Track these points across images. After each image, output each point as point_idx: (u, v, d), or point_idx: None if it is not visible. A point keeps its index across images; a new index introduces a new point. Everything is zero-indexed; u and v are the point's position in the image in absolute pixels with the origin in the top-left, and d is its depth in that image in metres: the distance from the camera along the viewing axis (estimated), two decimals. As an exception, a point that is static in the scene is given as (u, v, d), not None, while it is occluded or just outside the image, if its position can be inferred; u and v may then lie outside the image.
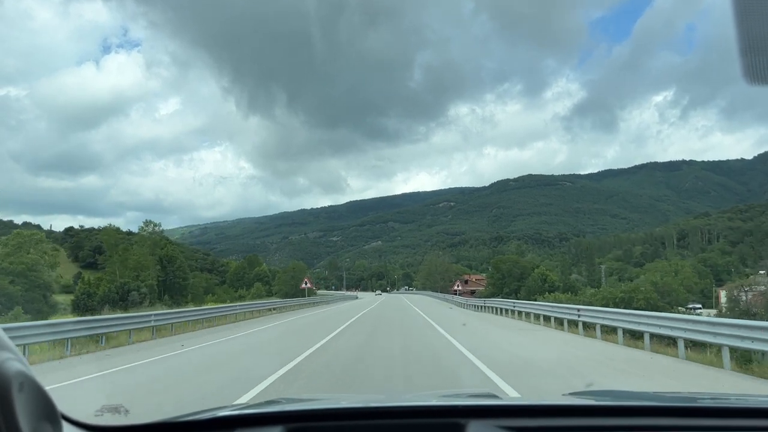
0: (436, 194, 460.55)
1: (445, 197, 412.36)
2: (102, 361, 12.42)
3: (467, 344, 13.96)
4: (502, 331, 19.92)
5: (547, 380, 9.04)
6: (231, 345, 16.10)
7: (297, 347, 13.43)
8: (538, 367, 10.44)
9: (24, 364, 0.85)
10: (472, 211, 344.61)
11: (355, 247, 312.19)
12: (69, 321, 16.20)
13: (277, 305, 35.15)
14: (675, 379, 9.18)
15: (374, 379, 9.31)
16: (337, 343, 15.04)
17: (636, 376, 9.51)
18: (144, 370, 11.00)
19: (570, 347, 14.29)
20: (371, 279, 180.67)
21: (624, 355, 12.44)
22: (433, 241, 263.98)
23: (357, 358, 12.09)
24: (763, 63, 1.13)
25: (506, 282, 68.23)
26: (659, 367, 10.47)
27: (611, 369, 10.34)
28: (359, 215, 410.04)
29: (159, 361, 12.26)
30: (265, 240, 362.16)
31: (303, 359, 11.38)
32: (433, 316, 28.46)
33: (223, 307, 27.83)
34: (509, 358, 11.70)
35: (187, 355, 13.51)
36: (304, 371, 9.82)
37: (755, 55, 1.12)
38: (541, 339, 16.94)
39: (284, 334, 20.25)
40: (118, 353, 13.85)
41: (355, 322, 23.57)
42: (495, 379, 8.66)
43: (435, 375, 9.69)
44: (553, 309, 21.45)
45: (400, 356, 12.29)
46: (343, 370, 10.29)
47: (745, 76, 1.15)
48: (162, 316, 20.04)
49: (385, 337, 17.52)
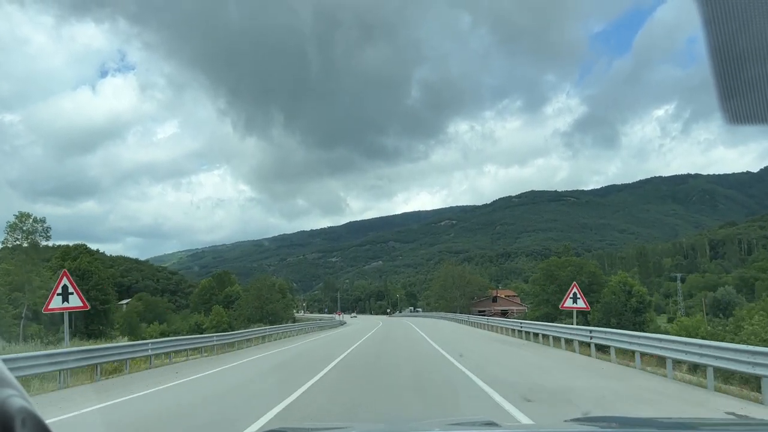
0: (437, 213, 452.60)
1: (447, 216, 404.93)
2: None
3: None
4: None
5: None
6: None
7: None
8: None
9: (26, 401, 0.86)
10: (474, 228, 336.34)
11: (355, 267, 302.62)
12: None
13: (196, 344, 22.38)
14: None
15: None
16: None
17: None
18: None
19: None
20: (369, 299, 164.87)
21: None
22: (435, 260, 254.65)
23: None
24: (741, 105, 1.24)
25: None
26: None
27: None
28: (359, 235, 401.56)
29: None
30: (263, 262, 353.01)
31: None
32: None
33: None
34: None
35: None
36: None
37: (733, 98, 1.24)
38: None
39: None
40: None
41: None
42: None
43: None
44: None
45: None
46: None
47: (724, 118, 1.26)
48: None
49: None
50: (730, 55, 1.22)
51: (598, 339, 16.94)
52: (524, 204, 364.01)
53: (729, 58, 1.22)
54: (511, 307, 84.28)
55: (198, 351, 22.26)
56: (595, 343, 17.02)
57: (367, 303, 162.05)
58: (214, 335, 25.56)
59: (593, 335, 17.28)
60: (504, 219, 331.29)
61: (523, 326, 26.91)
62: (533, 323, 27.35)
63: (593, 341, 17.08)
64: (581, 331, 18.94)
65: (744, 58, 1.24)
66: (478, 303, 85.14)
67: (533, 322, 28.14)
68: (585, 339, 17.87)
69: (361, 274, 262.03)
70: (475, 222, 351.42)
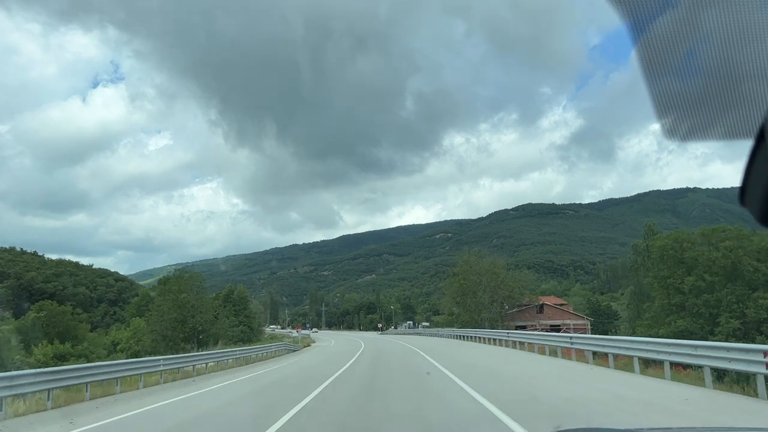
0: (431, 227, 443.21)
1: (441, 229, 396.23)
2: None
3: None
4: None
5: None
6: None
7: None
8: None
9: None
10: (471, 241, 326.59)
11: (347, 281, 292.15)
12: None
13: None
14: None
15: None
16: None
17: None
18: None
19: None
20: (359, 313, 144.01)
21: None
22: (431, 273, 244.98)
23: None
24: (675, 121, 1.31)
25: (692, 290, 37.42)
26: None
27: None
28: (352, 249, 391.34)
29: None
30: (252, 276, 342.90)
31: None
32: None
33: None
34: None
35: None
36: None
37: (668, 114, 1.31)
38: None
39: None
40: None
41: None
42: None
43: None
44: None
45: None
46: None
47: (664, 133, 1.33)
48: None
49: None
50: (661, 68, 1.27)
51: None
52: (521, 217, 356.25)
53: (660, 71, 1.28)
54: (566, 320, 61.71)
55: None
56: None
57: (356, 317, 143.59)
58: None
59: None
60: (501, 232, 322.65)
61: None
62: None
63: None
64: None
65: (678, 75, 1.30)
66: (516, 315, 60.63)
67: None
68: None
69: (353, 288, 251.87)
70: (471, 235, 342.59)
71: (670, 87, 1.29)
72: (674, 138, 1.32)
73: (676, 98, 1.29)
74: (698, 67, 1.33)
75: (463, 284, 59.48)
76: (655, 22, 1.29)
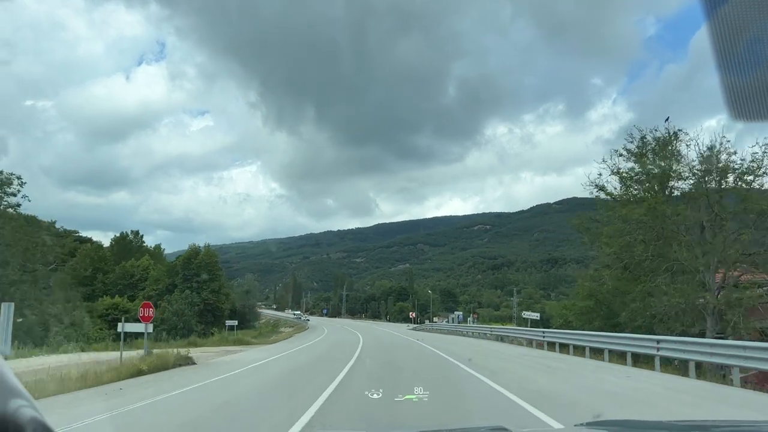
0: (469, 218, 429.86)
1: (480, 221, 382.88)
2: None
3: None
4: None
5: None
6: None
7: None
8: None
9: (37, 411, 0.86)
10: (510, 234, 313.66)
11: (380, 269, 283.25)
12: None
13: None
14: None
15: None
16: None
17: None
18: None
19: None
20: (387, 299, 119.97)
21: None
22: (468, 264, 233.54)
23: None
24: (745, 103, 1.30)
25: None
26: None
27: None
28: (387, 237, 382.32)
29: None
30: (284, 260, 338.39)
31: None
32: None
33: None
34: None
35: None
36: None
37: (738, 96, 1.31)
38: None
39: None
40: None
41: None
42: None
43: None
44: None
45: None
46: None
47: (731, 115, 1.34)
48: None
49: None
50: (735, 53, 1.26)
51: None
52: (564, 211, 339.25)
53: (734, 55, 1.26)
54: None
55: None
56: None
57: (383, 304, 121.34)
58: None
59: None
60: (543, 225, 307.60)
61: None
62: None
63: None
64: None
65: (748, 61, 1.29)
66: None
67: None
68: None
69: (385, 276, 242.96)
70: (511, 227, 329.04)
71: (739, 66, 1.25)
72: (741, 119, 1.28)
73: (745, 77, 1.24)
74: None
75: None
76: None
